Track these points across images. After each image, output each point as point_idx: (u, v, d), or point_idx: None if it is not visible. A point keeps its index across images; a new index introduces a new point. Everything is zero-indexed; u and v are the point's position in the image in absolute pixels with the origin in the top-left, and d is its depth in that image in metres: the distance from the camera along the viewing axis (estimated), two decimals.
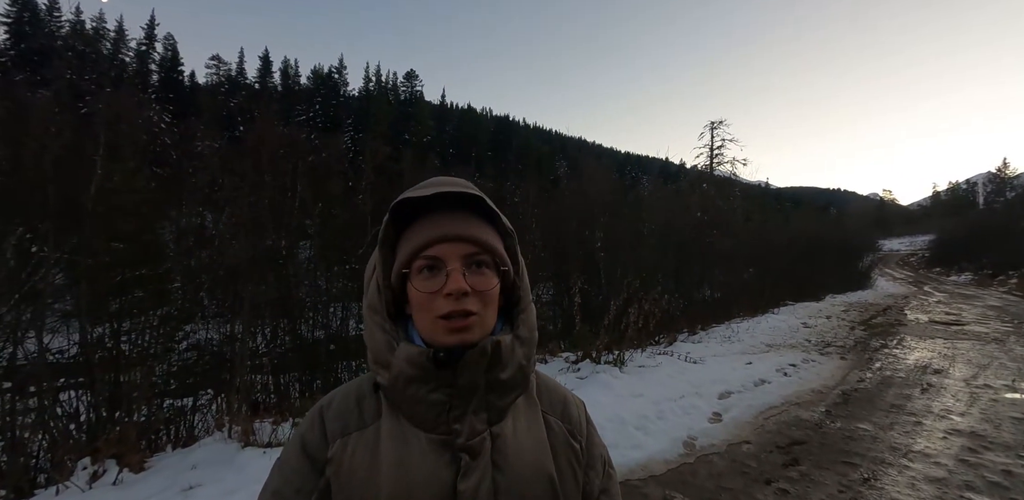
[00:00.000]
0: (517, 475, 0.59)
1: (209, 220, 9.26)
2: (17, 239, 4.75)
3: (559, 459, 0.64)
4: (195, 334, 6.36)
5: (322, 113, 44.46)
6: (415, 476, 0.56)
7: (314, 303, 7.12)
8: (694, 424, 4.07)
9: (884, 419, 4.30)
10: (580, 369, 5.57)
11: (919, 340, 8.29)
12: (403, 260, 0.61)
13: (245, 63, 47.25)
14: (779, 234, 16.77)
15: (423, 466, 0.57)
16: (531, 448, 0.62)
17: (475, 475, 0.57)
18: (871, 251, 28.34)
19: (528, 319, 0.65)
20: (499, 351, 0.60)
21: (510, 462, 0.59)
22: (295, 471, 0.60)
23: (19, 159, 4.64)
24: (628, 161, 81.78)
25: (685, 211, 12.41)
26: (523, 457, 0.61)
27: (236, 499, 2.61)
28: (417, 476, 0.56)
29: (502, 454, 0.60)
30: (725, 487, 3.04)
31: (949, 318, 11.09)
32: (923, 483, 3.07)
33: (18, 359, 4.28)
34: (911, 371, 6.08)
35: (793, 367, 6.12)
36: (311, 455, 0.61)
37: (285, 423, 3.68)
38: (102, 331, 4.66)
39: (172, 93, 35.70)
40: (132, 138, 5.51)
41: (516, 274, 0.66)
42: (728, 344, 7.66)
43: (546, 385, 0.72)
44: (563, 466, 0.64)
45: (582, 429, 0.70)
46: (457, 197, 0.61)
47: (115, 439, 3.26)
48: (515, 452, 0.60)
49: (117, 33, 39.01)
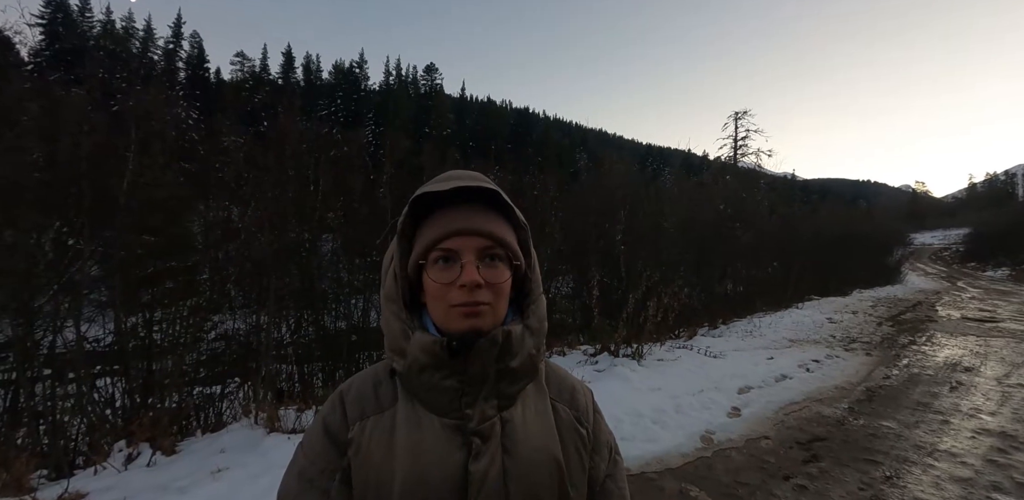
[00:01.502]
0: (525, 458, 0.62)
1: (235, 214, 9.50)
2: (55, 232, 4.98)
3: (566, 444, 0.66)
4: (223, 324, 6.56)
5: (343, 107, 44.92)
6: (429, 458, 0.59)
7: (336, 295, 7.26)
8: (712, 418, 4.05)
9: (909, 417, 4.21)
10: (598, 362, 5.58)
11: (950, 337, 8.05)
12: (420, 252, 0.63)
13: (268, 59, 48.00)
14: (805, 227, 16.37)
15: (436, 448, 0.60)
16: (539, 433, 0.64)
17: (485, 458, 0.59)
18: (901, 245, 27.46)
19: (538, 310, 0.67)
20: (509, 341, 0.62)
21: (519, 446, 0.62)
22: (318, 453, 0.63)
23: (55, 156, 4.82)
24: (650, 153, 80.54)
25: (707, 203, 12.21)
26: (531, 441, 0.63)
27: (262, 482, 2.71)
28: (431, 458, 0.59)
29: (511, 438, 0.62)
30: (742, 482, 3.03)
31: (983, 315, 10.72)
32: (948, 483, 3.01)
33: (58, 347, 4.51)
34: (940, 369, 5.92)
35: (816, 363, 6.02)
36: (333, 437, 0.64)
37: (309, 410, 3.79)
38: (135, 321, 4.85)
39: (199, 90, 36.44)
40: (161, 134, 5.66)
41: (528, 267, 0.68)
42: (749, 339, 7.56)
43: (555, 373, 0.74)
44: (570, 451, 0.66)
45: (589, 416, 0.72)
46: (473, 191, 0.63)
47: (148, 423, 3.40)
48: (524, 437, 0.63)
49: (146, 32, 40.03)
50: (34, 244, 4.42)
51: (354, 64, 49.95)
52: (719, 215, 12.00)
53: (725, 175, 21.08)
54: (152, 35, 40.37)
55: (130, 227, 4.66)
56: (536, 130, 60.94)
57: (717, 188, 15.70)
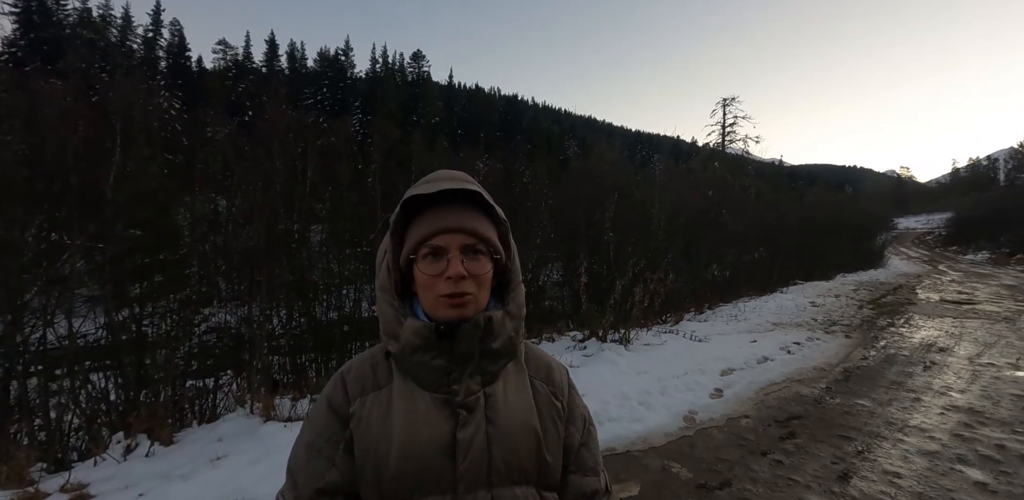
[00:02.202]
0: (507, 427, 0.70)
1: (223, 205, 9.44)
2: (37, 227, 4.94)
3: (543, 415, 0.75)
4: (213, 317, 6.59)
5: (330, 96, 44.21)
6: (422, 427, 0.68)
7: (327, 286, 7.30)
8: (696, 399, 4.20)
9: (883, 395, 4.39)
10: (587, 347, 5.70)
11: (927, 319, 8.29)
12: (411, 247, 0.71)
13: (252, 47, 46.97)
14: (791, 213, 16.60)
15: (428, 419, 0.68)
16: (519, 406, 0.73)
17: (471, 427, 0.68)
18: (885, 230, 27.91)
19: (517, 297, 0.76)
20: (491, 324, 0.70)
21: (500, 417, 0.70)
22: (324, 426, 0.71)
23: (40, 149, 4.77)
24: (639, 140, 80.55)
25: (696, 190, 12.33)
26: (511, 413, 0.71)
27: (260, 467, 2.79)
28: (423, 427, 0.68)
29: (494, 410, 0.70)
30: (722, 458, 3.17)
31: (961, 297, 11.02)
32: (916, 456, 3.17)
33: (50, 342, 4.52)
34: (915, 349, 6.13)
35: (797, 345, 6.20)
36: (336, 412, 0.71)
37: (304, 399, 3.86)
38: (125, 315, 4.87)
39: (180, 79, 35.66)
40: (145, 126, 5.62)
41: (508, 259, 0.76)
42: (734, 323, 7.74)
43: (533, 353, 0.82)
44: (546, 421, 0.75)
45: (564, 391, 0.80)
46: (459, 192, 0.71)
47: (145, 415, 3.46)
48: (505, 409, 0.71)
49: (124, 20, 38.87)
50: (18, 239, 4.40)
51: (340, 51, 49.04)
52: (707, 201, 12.15)
53: (713, 162, 21.22)
54: (131, 23, 39.21)
55: (117, 220, 4.66)
56: (525, 117, 60.57)
57: (705, 175, 15.84)
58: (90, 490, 2.67)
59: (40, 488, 2.68)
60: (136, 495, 2.58)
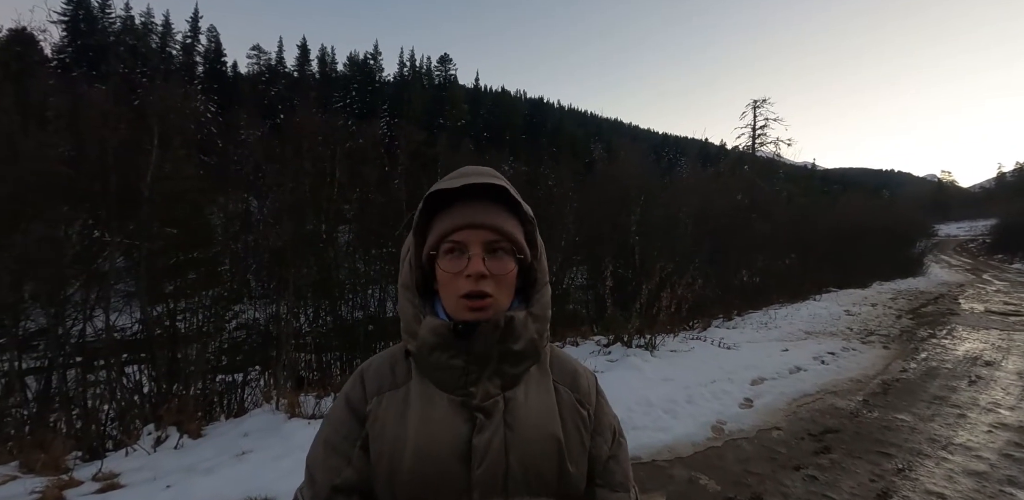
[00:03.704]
0: (526, 434, 0.66)
1: (254, 206, 9.68)
2: (81, 225, 5.15)
3: (566, 423, 0.70)
4: (243, 314, 6.74)
5: (358, 99, 45.02)
6: (437, 430, 0.65)
7: (353, 285, 7.39)
8: (724, 409, 4.07)
9: (925, 410, 4.18)
10: (611, 352, 5.61)
11: (972, 330, 7.90)
12: (432, 243, 0.68)
13: (284, 52, 48.14)
14: (824, 218, 16.08)
15: (444, 422, 0.65)
16: (540, 412, 0.69)
17: (488, 432, 0.65)
18: (925, 236, 26.82)
19: (542, 298, 0.72)
20: (512, 325, 0.67)
21: (520, 423, 0.66)
22: (342, 423, 0.70)
23: (83, 150, 4.96)
24: (666, 143, 79.41)
25: (724, 194, 12.06)
26: (532, 419, 0.68)
27: (284, 464, 2.81)
28: (439, 430, 0.65)
29: (513, 415, 0.67)
30: (752, 471, 3.05)
31: (1008, 308, 10.47)
32: (961, 476, 3.00)
33: (88, 335, 4.69)
34: (959, 362, 5.83)
35: (831, 355, 5.97)
36: (354, 409, 0.70)
37: (327, 398, 3.89)
38: (160, 310, 5.02)
39: (216, 83, 36.85)
40: (181, 128, 5.79)
41: (534, 258, 0.72)
42: (764, 331, 7.52)
43: (559, 358, 0.78)
44: (570, 429, 0.70)
45: (591, 398, 0.76)
46: (484, 187, 0.68)
47: (175, 409, 3.54)
48: (525, 414, 0.67)
49: (164, 27, 40.42)
50: (62, 236, 4.59)
51: (368, 56, 49.94)
52: (735, 205, 11.87)
53: (743, 165, 20.74)
54: (170, 30, 40.73)
55: (153, 219, 4.80)
56: (550, 120, 60.44)
57: (734, 178, 15.50)
58: (120, 480, 2.74)
59: (74, 476, 2.76)
60: (163, 486, 2.63)
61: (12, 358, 4.21)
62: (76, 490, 2.62)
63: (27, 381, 4.33)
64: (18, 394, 4.10)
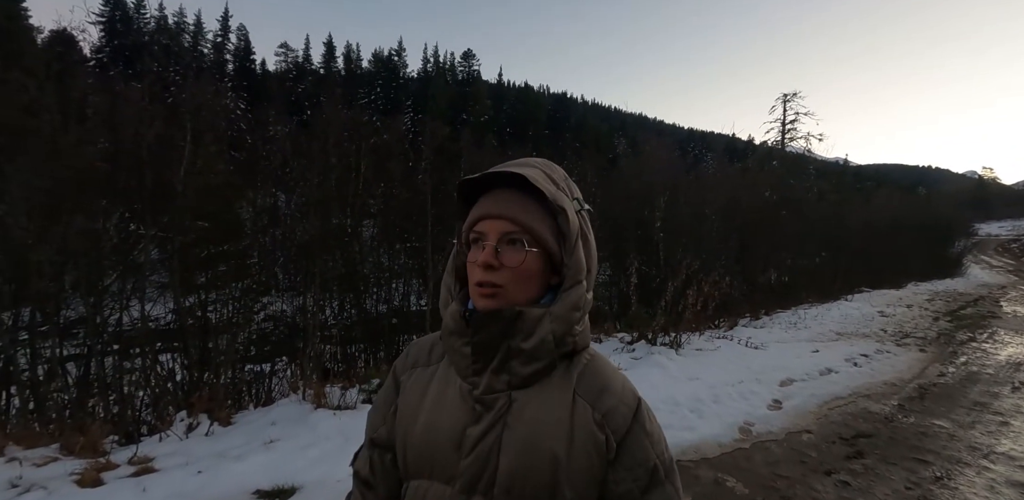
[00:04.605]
0: (523, 440, 0.62)
1: (282, 200, 9.88)
2: (118, 218, 5.33)
3: (575, 442, 0.63)
4: (271, 306, 6.90)
5: (383, 95, 45.50)
6: (444, 413, 0.67)
7: (378, 279, 7.48)
8: (752, 410, 3.98)
9: (965, 417, 4.00)
10: (635, 350, 5.54)
11: (1014, 335, 7.55)
12: (462, 233, 0.71)
13: (311, 49, 48.97)
14: (856, 215, 15.55)
15: (452, 406, 0.67)
16: (544, 422, 0.63)
17: (482, 425, 0.64)
18: (964, 235, 25.75)
19: (568, 298, 0.65)
20: (520, 320, 0.63)
21: (520, 427, 0.63)
22: (387, 387, 0.78)
23: (119, 147, 5.12)
24: (692, 138, 78.08)
25: (751, 190, 11.77)
26: (534, 427, 0.63)
27: (311, 453, 2.86)
28: (445, 414, 0.67)
29: (515, 417, 0.63)
30: (781, 475, 2.97)
31: None
32: (1004, 487, 2.86)
33: (124, 324, 4.86)
34: (1001, 367, 5.58)
35: (865, 357, 5.78)
36: (396, 378, 0.77)
37: (352, 389, 3.94)
38: (192, 301, 5.17)
39: (246, 81, 37.72)
40: (212, 125, 5.93)
41: (565, 252, 0.66)
42: (793, 331, 7.32)
43: (592, 369, 0.69)
44: (576, 450, 0.62)
45: (618, 423, 0.65)
46: (515, 177, 0.65)
47: (206, 396, 3.64)
48: (529, 420, 0.63)
49: (196, 26, 41.51)
50: (100, 229, 4.75)
51: (393, 52, 50.41)
52: (764, 202, 11.58)
53: (771, 160, 20.21)
54: (202, 29, 41.84)
55: (186, 213, 4.94)
56: (574, 115, 60.04)
57: (762, 174, 15.11)
58: (154, 464, 2.82)
59: (111, 459, 2.85)
60: (195, 472, 2.70)
61: (54, 345, 4.40)
62: (113, 473, 2.71)
63: (68, 367, 4.52)
64: (59, 379, 4.27)
